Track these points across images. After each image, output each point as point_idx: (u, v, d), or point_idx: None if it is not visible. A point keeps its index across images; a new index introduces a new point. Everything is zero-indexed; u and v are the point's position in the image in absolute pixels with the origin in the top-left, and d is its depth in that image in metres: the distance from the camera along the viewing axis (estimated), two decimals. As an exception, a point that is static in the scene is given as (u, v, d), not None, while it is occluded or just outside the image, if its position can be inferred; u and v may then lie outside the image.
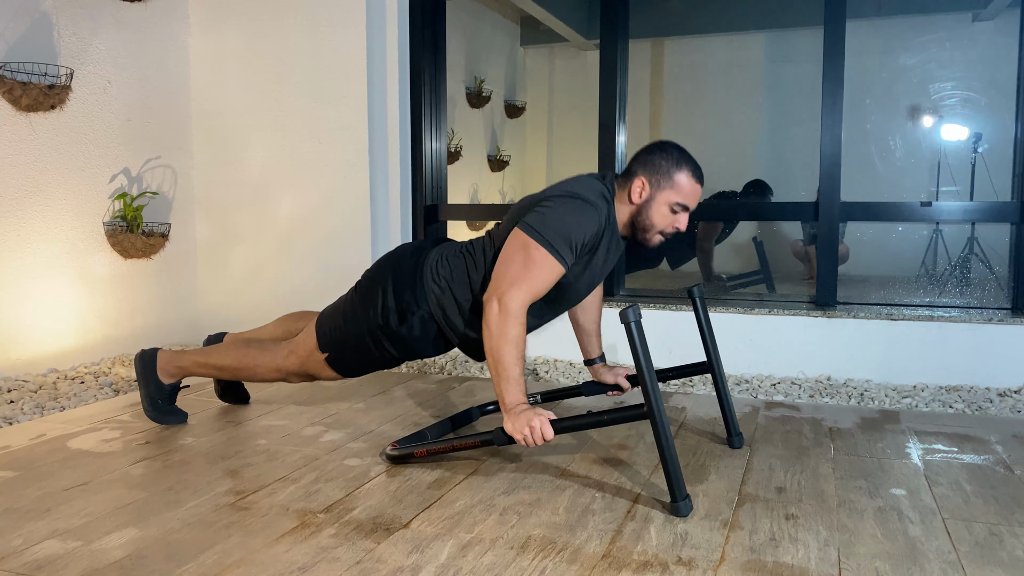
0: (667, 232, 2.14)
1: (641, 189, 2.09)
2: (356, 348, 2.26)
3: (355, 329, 2.24)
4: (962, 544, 1.69)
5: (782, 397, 3.00)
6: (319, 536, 1.71)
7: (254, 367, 2.40)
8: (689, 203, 2.12)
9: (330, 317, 2.32)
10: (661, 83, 6.16)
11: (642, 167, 2.11)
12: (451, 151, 5.43)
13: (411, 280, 2.20)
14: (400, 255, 2.28)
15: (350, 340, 2.26)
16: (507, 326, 1.96)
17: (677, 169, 2.09)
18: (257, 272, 3.97)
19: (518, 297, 1.97)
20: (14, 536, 1.71)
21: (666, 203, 2.10)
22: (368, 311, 2.22)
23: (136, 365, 2.55)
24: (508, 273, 2.00)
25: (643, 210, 2.10)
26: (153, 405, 2.53)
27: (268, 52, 3.85)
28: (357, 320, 2.24)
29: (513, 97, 6.54)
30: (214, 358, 2.47)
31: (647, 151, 2.13)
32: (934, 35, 5.29)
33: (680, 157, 2.11)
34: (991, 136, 5.05)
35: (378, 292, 2.22)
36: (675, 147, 2.13)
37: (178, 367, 2.53)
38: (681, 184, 2.09)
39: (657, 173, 2.09)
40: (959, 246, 4.96)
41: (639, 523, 1.78)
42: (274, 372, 2.39)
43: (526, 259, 1.99)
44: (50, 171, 3.30)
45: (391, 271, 2.24)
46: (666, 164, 2.09)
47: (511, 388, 1.98)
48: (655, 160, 2.10)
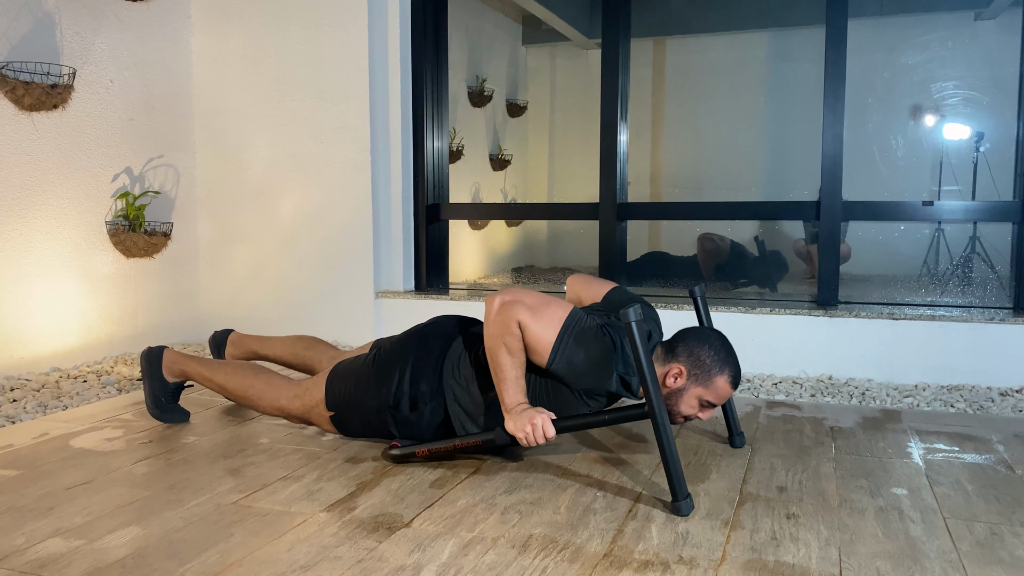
0: (687, 419, 2.10)
1: (678, 376, 2.04)
2: (361, 417, 2.26)
3: (364, 400, 2.23)
4: (963, 543, 1.69)
5: (783, 396, 3.00)
6: (321, 535, 1.71)
7: (257, 400, 2.40)
8: (718, 404, 2.08)
9: (343, 378, 2.29)
10: (663, 82, 6.16)
11: (686, 356, 2.05)
12: (453, 150, 5.43)
13: (431, 372, 2.19)
14: (426, 338, 2.26)
15: (358, 409, 2.25)
16: (501, 328, 1.98)
17: (719, 372, 2.04)
18: (259, 271, 3.98)
19: (520, 310, 1.98)
20: (17, 535, 1.71)
21: (696, 397, 2.05)
22: (381, 388, 2.21)
23: (142, 362, 2.56)
24: (526, 297, 2.01)
25: (672, 396, 2.06)
26: (156, 403, 2.53)
27: (270, 51, 3.85)
28: (369, 393, 2.23)
29: (515, 96, 6.54)
30: (220, 377, 2.46)
31: (695, 338, 2.08)
32: (936, 34, 5.28)
33: (725, 359, 2.05)
34: (993, 135, 5.05)
35: (395, 373, 2.21)
36: (723, 345, 2.07)
37: (182, 370, 2.53)
38: (718, 386, 2.04)
39: (698, 368, 2.04)
40: (961, 245, 4.96)
41: (640, 522, 1.78)
42: (275, 410, 2.39)
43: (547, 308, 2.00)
44: (53, 170, 3.30)
45: (413, 355, 2.22)
46: (710, 362, 2.04)
47: (509, 389, 2.00)
48: (700, 354, 2.05)
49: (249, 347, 2.78)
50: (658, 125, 6.19)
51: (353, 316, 3.82)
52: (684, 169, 6.12)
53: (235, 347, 2.81)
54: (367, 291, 3.81)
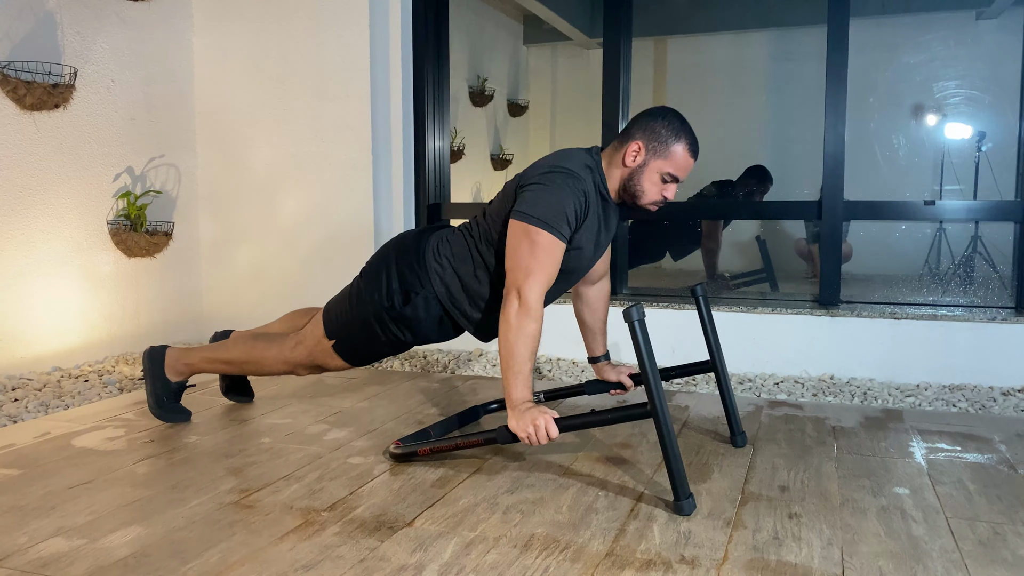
0: (656, 201, 2.13)
1: (636, 153, 2.09)
2: (363, 333, 2.28)
3: (361, 313, 2.26)
4: (965, 543, 1.69)
5: (785, 396, 3.00)
6: (323, 534, 1.71)
7: (261, 359, 2.41)
8: (680, 175, 2.11)
9: (336, 304, 2.34)
10: (664, 82, 6.16)
11: (640, 132, 2.10)
12: (454, 150, 5.43)
13: (414, 261, 2.22)
14: (402, 239, 2.31)
15: (357, 325, 2.27)
16: (525, 321, 1.98)
17: (675, 139, 2.08)
18: (261, 271, 3.98)
19: (535, 288, 1.99)
20: (19, 534, 1.71)
21: (658, 171, 2.09)
22: (373, 294, 2.24)
23: (144, 361, 2.56)
24: (520, 264, 2.02)
25: (634, 175, 2.10)
26: (158, 402, 2.53)
27: (271, 50, 3.85)
28: (363, 304, 2.26)
29: (516, 96, 6.54)
30: (222, 352, 2.49)
31: (648, 115, 2.12)
32: (937, 33, 5.28)
33: (680, 128, 2.09)
34: (995, 135, 5.04)
35: (382, 275, 2.24)
36: (676, 116, 2.11)
37: (186, 364, 2.54)
38: (676, 155, 2.08)
39: (655, 140, 2.08)
40: (963, 245, 4.96)
41: (642, 522, 1.78)
42: (282, 364, 2.40)
43: (531, 245, 2.01)
44: (54, 170, 3.30)
45: (394, 254, 2.27)
46: (665, 132, 2.08)
47: (519, 384, 1.99)
48: (655, 126, 2.09)
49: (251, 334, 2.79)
50: (659, 125, 6.18)
51: (354, 315, 3.81)
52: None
53: None
54: (368, 290, 3.81)
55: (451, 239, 2.25)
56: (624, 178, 2.13)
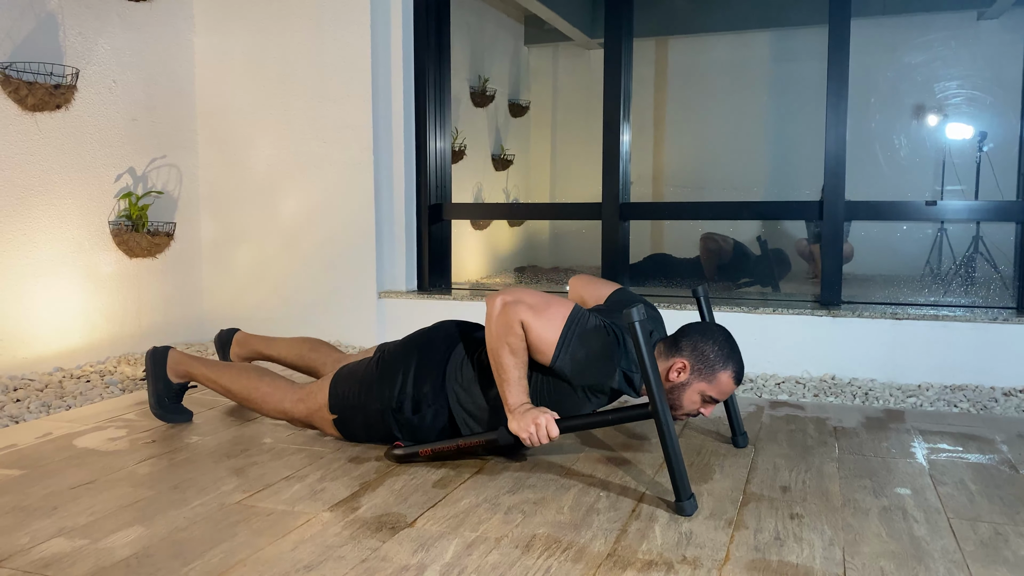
0: (689, 414, 2.09)
1: (681, 371, 2.03)
2: (364, 420, 2.26)
3: (368, 403, 2.23)
4: (967, 543, 1.69)
5: (786, 396, 3.00)
6: (325, 535, 1.71)
7: (260, 403, 2.41)
8: (721, 399, 2.06)
9: (346, 381, 2.29)
10: (665, 82, 6.16)
11: (690, 351, 2.04)
12: (455, 150, 5.43)
13: (436, 374, 2.19)
14: (430, 341, 2.26)
15: (360, 412, 2.26)
16: (504, 329, 1.98)
17: (723, 367, 2.02)
18: (262, 271, 3.98)
19: (522, 310, 1.98)
20: (21, 534, 1.71)
21: (699, 392, 2.04)
22: (384, 390, 2.21)
23: (147, 361, 2.56)
24: (527, 297, 2.01)
25: (675, 391, 2.04)
26: (160, 403, 2.54)
27: (273, 51, 3.86)
28: (372, 395, 2.23)
29: (517, 96, 6.54)
30: (225, 379, 2.47)
31: (699, 333, 2.07)
32: (939, 33, 5.28)
33: (729, 355, 2.04)
34: (996, 135, 5.04)
35: (399, 376, 2.21)
36: (727, 340, 2.06)
37: (187, 371, 2.54)
38: (721, 383, 2.03)
39: (702, 363, 2.03)
40: (964, 245, 4.96)
41: (644, 522, 1.78)
42: (279, 413, 2.40)
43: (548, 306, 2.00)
44: (56, 171, 3.31)
45: (416, 358, 2.22)
46: (713, 357, 2.02)
47: (512, 389, 2.00)
48: (704, 349, 2.03)
49: (254, 347, 2.79)
50: (660, 125, 6.19)
51: (356, 316, 3.82)
52: (686, 169, 6.12)
53: (240, 347, 2.81)
54: (370, 291, 3.81)
55: (476, 361, 2.19)
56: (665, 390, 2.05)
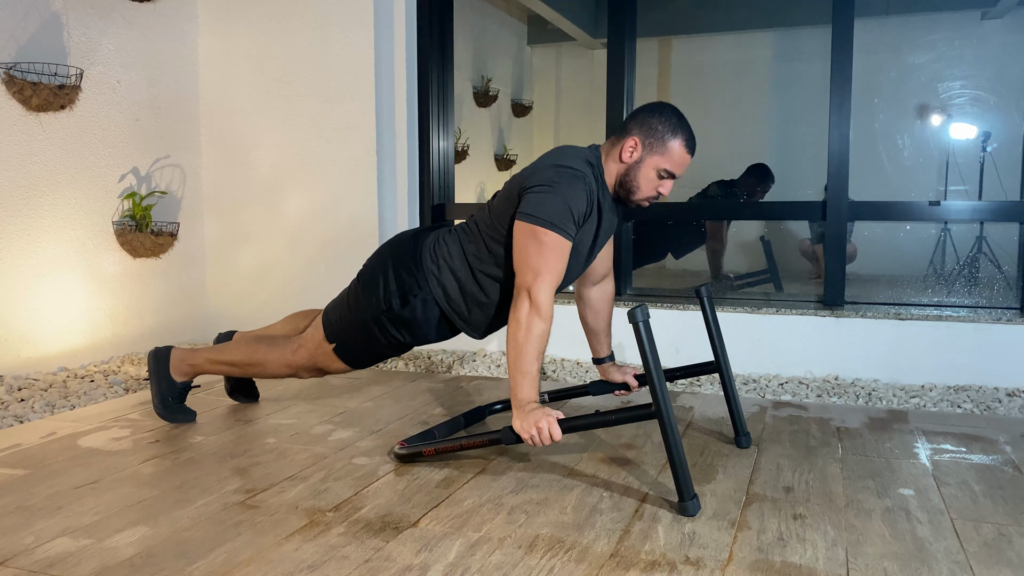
0: (651, 197, 2.14)
1: (633, 149, 2.09)
2: (362, 335, 2.29)
3: (360, 316, 2.27)
4: (971, 544, 1.69)
5: (790, 397, 3.00)
6: (328, 534, 1.71)
7: (264, 362, 2.42)
8: (676, 171, 2.12)
9: (335, 308, 2.35)
10: (668, 82, 6.16)
11: (638, 127, 2.10)
12: (458, 150, 5.44)
13: (411, 263, 2.23)
14: (399, 240, 2.32)
15: (356, 328, 2.28)
16: (535, 321, 1.99)
17: (672, 136, 2.08)
18: (265, 271, 3.98)
19: (545, 288, 2.00)
20: (26, 534, 1.72)
21: (654, 168, 2.10)
22: (371, 297, 2.25)
23: (149, 362, 2.57)
24: (528, 265, 2.02)
25: (631, 171, 2.11)
26: (163, 403, 2.54)
27: (276, 51, 3.86)
28: (361, 307, 2.27)
29: (520, 96, 6.54)
30: (226, 354, 2.50)
31: (646, 111, 2.12)
32: (942, 33, 5.27)
33: (677, 124, 2.09)
34: (1000, 135, 5.03)
35: (379, 277, 2.25)
36: (674, 112, 2.11)
37: (191, 365, 2.55)
38: (672, 151, 2.09)
39: (651, 136, 2.08)
40: (967, 245, 4.95)
41: (647, 522, 1.78)
42: (284, 367, 2.41)
43: (538, 246, 2.02)
44: (60, 171, 3.31)
45: (391, 256, 2.28)
46: (662, 128, 2.08)
47: (526, 384, 2.00)
48: (652, 122, 2.09)
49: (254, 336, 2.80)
50: (663, 125, 6.17)
51: (359, 316, 3.82)
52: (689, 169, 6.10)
53: None
54: (373, 291, 3.81)
55: (447, 239, 2.26)
56: (620, 173, 2.13)
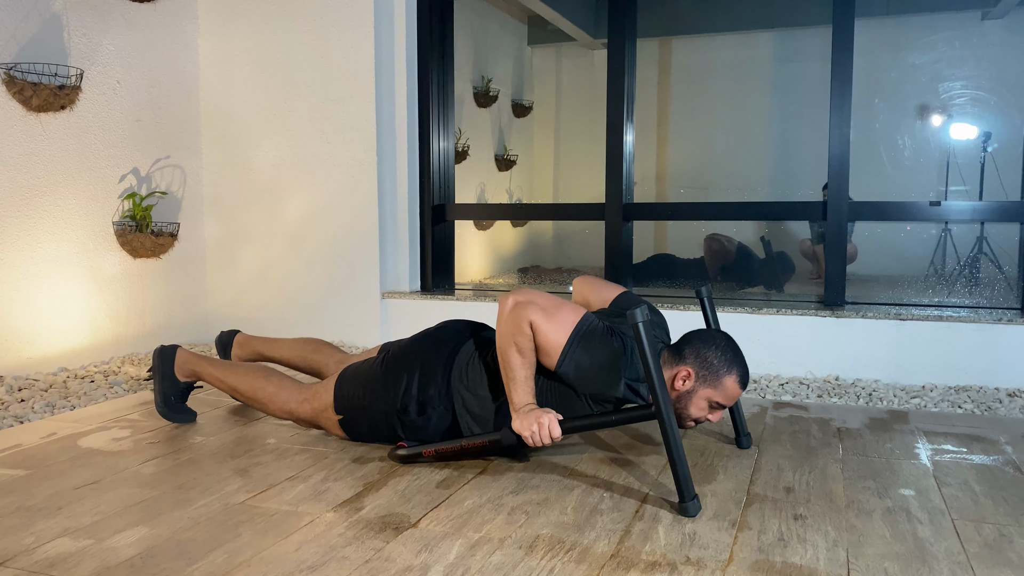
0: (698, 421, 2.10)
1: (686, 379, 2.05)
2: (369, 421, 2.26)
3: (373, 404, 2.24)
4: (971, 545, 1.68)
5: (790, 397, 3.00)
6: (328, 535, 1.71)
7: (267, 402, 2.41)
8: (727, 404, 2.08)
9: (351, 382, 2.29)
10: (669, 82, 6.16)
11: (693, 357, 2.06)
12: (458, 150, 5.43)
13: (440, 376, 2.19)
14: (436, 341, 2.27)
15: (365, 412, 2.26)
16: (513, 328, 1.99)
17: (727, 372, 2.04)
18: (266, 271, 3.98)
19: (533, 311, 1.99)
20: (26, 534, 1.72)
21: (706, 399, 2.05)
22: (389, 392, 2.21)
23: (154, 359, 2.57)
24: (539, 299, 2.02)
25: (682, 399, 2.06)
26: (165, 401, 2.54)
27: (277, 52, 3.86)
28: (376, 396, 2.23)
29: (520, 96, 6.54)
30: (232, 379, 2.47)
31: (701, 339, 2.09)
32: (943, 34, 5.27)
33: (732, 360, 2.06)
34: (1000, 135, 5.03)
35: (403, 377, 2.21)
36: (729, 346, 2.08)
37: (194, 371, 2.54)
38: (726, 387, 2.05)
39: (706, 369, 2.04)
40: (968, 246, 4.95)
41: (647, 523, 1.78)
42: (285, 413, 2.40)
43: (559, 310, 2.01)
44: (60, 171, 3.31)
45: (422, 359, 2.22)
46: (717, 363, 2.04)
47: (519, 389, 2.01)
48: (708, 356, 2.05)
49: (255, 348, 2.79)
50: (664, 125, 6.18)
51: (359, 316, 3.82)
52: (690, 169, 6.12)
53: (241, 348, 2.81)
54: (373, 291, 3.81)
55: (482, 363, 2.19)
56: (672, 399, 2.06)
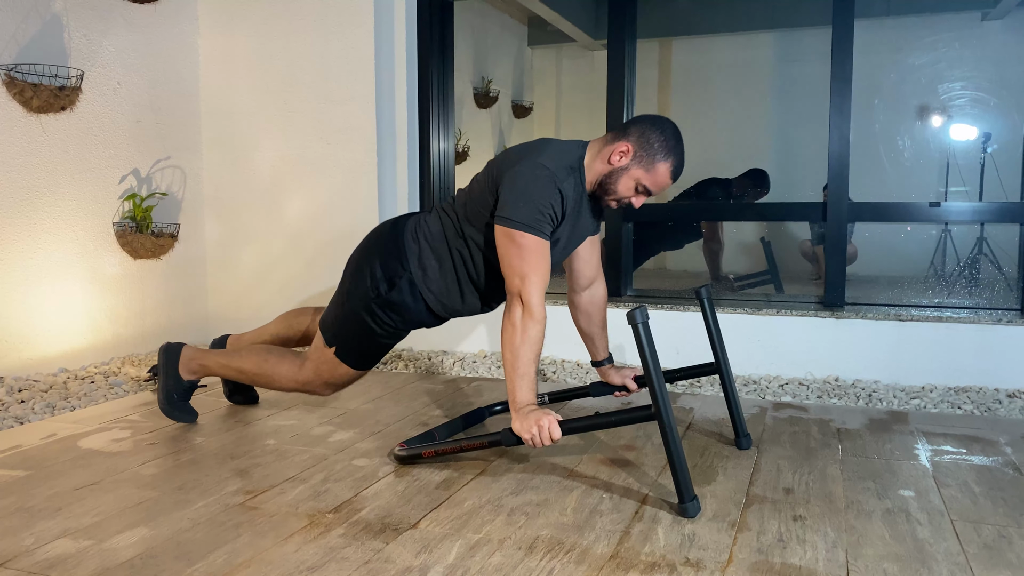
0: (622, 203, 2.17)
1: (623, 155, 2.10)
2: (358, 328, 2.30)
3: (353, 309, 2.29)
4: (971, 546, 1.68)
5: (790, 398, 3.00)
6: (328, 536, 1.71)
7: (272, 374, 2.44)
8: (653, 191, 2.14)
9: (329, 311, 2.38)
10: (669, 83, 6.16)
11: (636, 136, 2.10)
12: (459, 151, 5.44)
13: (392, 245, 2.27)
14: (379, 230, 2.36)
15: (351, 323, 2.30)
16: (529, 324, 2.01)
17: (664, 158, 2.09)
18: (266, 272, 3.99)
19: (535, 291, 2.02)
20: (26, 535, 1.72)
21: (635, 179, 2.11)
22: (359, 287, 2.28)
23: (160, 356, 2.59)
24: (513, 269, 2.05)
25: (614, 174, 2.12)
26: (168, 399, 2.55)
27: (277, 53, 3.86)
28: (352, 300, 2.29)
29: (520, 97, 6.54)
30: (236, 361, 2.51)
31: (648, 122, 2.12)
32: (943, 34, 5.27)
33: (673, 147, 2.10)
34: (1000, 136, 5.03)
35: (365, 267, 2.29)
36: (674, 133, 2.12)
37: (201, 365, 2.56)
38: (658, 172, 2.10)
39: (644, 149, 2.09)
40: (968, 246, 4.95)
41: (647, 524, 1.78)
42: (291, 382, 2.43)
43: (519, 249, 2.04)
44: (60, 172, 3.32)
45: (374, 244, 2.32)
46: (657, 146, 2.09)
47: (524, 386, 2.00)
48: (650, 136, 2.10)
49: (247, 340, 2.80)
50: (664, 126, 6.17)
51: (359, 317, 3.82)
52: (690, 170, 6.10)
53: (235, 345, 2.82)
54: (373, 292, 3.81)
55: (428, 220, 2.29)
56: (603, 173, 2.14)
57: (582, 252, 2.38)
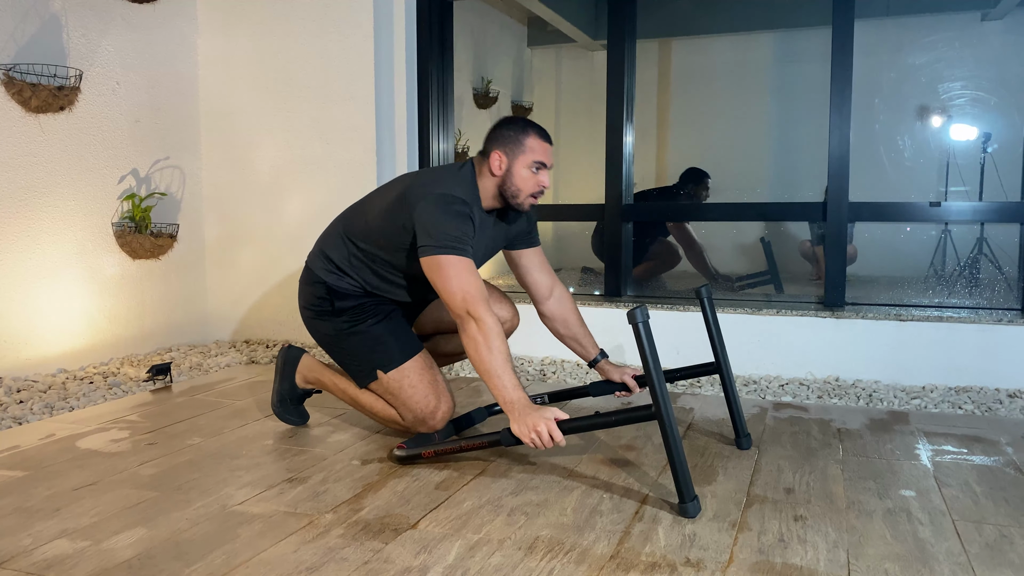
0: (535, 193, 2.27)
1: (499, 161, 2.24)
2: (361, 346, 2.36)
3: (343, 345, 2.39)
4: (972, 546, 1.68)
5: (790, 398, 2.99)
6: (327, 536, 1.71)
7: (384, 418, 2.44)
8: (545, 160, 2.25)
9: (341, 364, 2.46)
10: (668, 83, 6.16)
11: (495, 142, 2.27)
12: (458, 152, 5.43)
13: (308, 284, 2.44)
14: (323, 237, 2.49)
15: (356, 349, 2.37)
16: (488, 334, 2.06)
17: (524, 134, 2.25)
18: (266, 272, 3.98)
19: (479, 303, 2.08)
20: (24, 535, 1.71)
21: (524, 166, 2.24)
22: (315, 295, 2.40)
23: (278, 359, 2.62)
24: (450, 291, 2.12)
25: (506, 179, 2.25)
26: (281, 402, 2.57)
27: (276, 53, 3.86)
28: (336, 341, 2.40)
29: (520, 98, 6.54)
30: (352, 389, 2.48)
31: (495, 128, 2.30)
32: (943, 34, 5.27)
33: (525, 124, 2.27)
34: (1000, 136, 5.03)
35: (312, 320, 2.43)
36: (519, 118, 2.30)
37: (317, 379, 2.55)
38: (532, 146, 2.24)
39: (508, 143, 2.25)
40: (968, 246, 4.94)
41: (647, 524, 1.78)
42: (402, 426, 2.42)
43: (446, 272, 2.12)
44: (59, 172, 3.31)
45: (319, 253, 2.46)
46: (514, 133, 2.25)
47: (506, 385, 2.02)
48: (503, 133, 2.26)
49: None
50: (664, 126, 6.18)
51: (359, 317, 3.81)
52: (688, 170, 6.11)
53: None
54: (373, 292, 3.81)
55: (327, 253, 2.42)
56: (498, 185, 2.27)
57: (530, 266, 2.50)
